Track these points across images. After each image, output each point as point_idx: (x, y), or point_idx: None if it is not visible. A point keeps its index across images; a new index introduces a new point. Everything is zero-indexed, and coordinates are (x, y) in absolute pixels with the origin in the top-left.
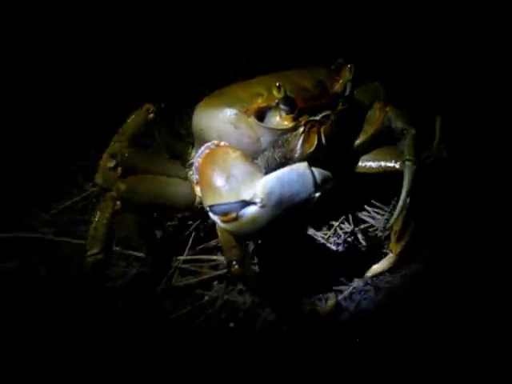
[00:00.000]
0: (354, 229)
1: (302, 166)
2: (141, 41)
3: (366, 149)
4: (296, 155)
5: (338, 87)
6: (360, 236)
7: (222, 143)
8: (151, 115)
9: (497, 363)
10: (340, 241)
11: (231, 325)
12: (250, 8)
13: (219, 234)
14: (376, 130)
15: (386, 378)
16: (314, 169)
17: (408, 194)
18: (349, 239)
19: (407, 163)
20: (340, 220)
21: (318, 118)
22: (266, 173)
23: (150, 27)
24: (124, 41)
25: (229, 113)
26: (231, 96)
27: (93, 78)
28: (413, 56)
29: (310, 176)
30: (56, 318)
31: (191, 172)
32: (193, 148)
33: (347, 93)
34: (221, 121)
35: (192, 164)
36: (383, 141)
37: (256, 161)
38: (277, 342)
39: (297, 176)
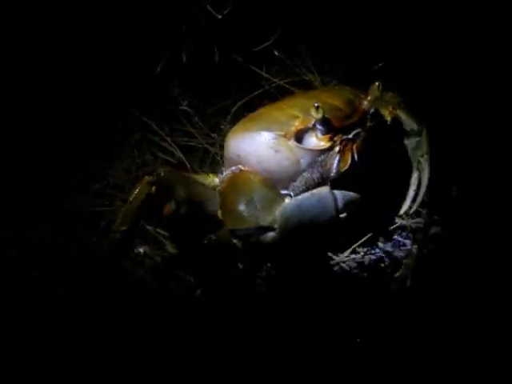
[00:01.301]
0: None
1: (324, 190)
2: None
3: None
4: (332, 174)
5: (366, 105)
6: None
7: (247, 167)
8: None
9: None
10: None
11: None
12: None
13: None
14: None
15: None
16: (336, 192)
17: (427, 186)
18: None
19: (425, 157)
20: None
21: (350, 136)
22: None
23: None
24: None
25: (268, 137)
26: (267, 120)
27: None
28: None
29: (331, 199)
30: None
31: None
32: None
33: (374, 110)
34: (260, 145)
35: None
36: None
37: (294, 183)
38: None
39: (317, 200)
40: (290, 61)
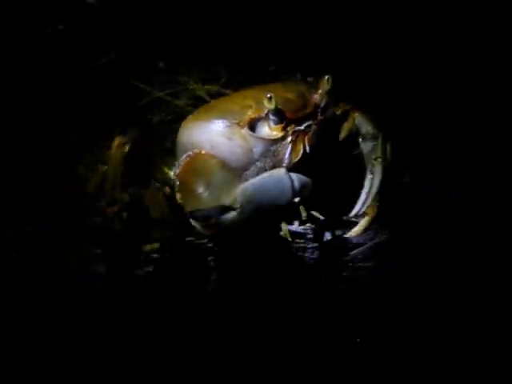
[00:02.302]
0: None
1: (281, 172)
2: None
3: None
4: (284, 164)
5: (317, 98)
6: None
7: (203, 151)
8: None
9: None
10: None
11: None
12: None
13: None
14: (346, 135)
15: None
16: (292, 174)
17: (379, 187)
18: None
19: (379, 160)
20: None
21: (302, 127)
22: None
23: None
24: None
25: (222, 125)
26: (221, 109)
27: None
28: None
29: (288, 182)
30: None
31: None
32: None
33: (325, 103)
34: (214, 133)
35: None
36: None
37: (247, 172)
38: None
39: (275, 182)
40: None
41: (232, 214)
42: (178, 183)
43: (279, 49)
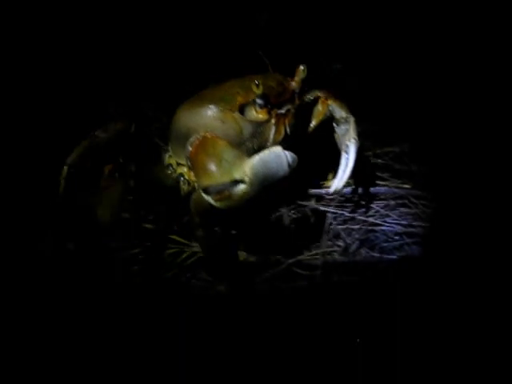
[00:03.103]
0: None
1: (278, 149)
2: None
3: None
4: (269, 144)
5: (294, 85)
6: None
7: (208, 134)
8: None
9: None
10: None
11: None
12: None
13: (194, 203)
14: (321, 119)
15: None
16: (285, 151)
17: (353, 165)
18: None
19: (352, 141)
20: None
21: (283, 111)
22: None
23: None
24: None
25: (216, 110)
26: (213, 97)
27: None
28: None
29: (284, 157)
30: None
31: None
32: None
33: (300, 89)
34: (209, 118)
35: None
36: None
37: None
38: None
39: (275, 157)
40: None
41: (242, 187)
42: (189, 163)
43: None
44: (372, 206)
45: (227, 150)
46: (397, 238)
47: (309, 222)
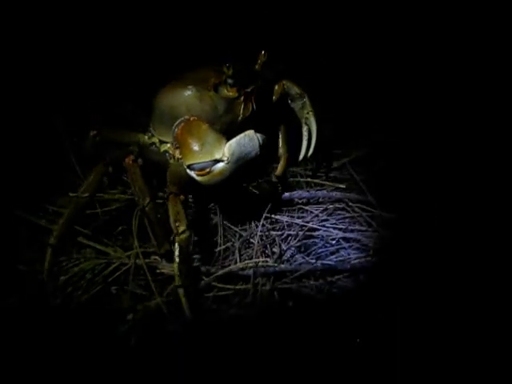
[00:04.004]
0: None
1: (251, 132)
2: None
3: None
4: (239, 119)
5: (257, 67)
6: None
7: (192, 118)
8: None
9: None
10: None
11: None
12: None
13: (169, 173)
14: (279, 95)
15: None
16: (257, 134)
17: (316, 134)
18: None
19: (311, 113)
20: None
21: (249, 90)
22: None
23: None
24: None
25: (195, 90)
26: (192, 79)
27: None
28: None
29: (256, 139)
30: None
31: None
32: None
33: (262, 71)
34: (189, 97)
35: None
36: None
37: (215, 125)
38: None
39: (248, 140)
40: None
41: (221, 165)
42: (175, 143)
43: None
44: (311, 210)
45: (209, 132)
46: (334, 242)
47: (243, 228)
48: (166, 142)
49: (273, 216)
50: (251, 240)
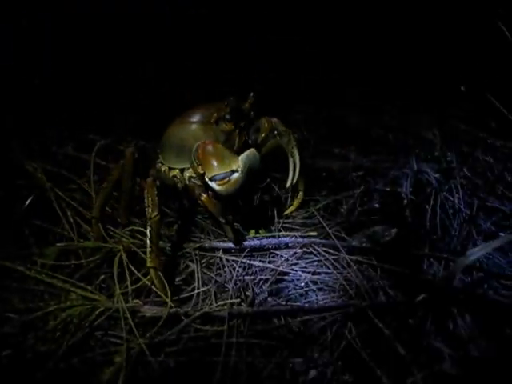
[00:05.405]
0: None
1: (254, 150)
2: None
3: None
4: (235, 147)
5: (247, 107)
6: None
7: (208, 141)
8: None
9: None
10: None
11: None
12: None
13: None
14: (268, 131)
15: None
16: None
17: (300, 165)
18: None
19: (295, 148)
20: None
21: (242, 125)
22: None
23: None
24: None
25: (200, 124)
26: (198, 115)
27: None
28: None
29: (258, 155)
30: None
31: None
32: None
33: (251, 110)
34: (196, 130)
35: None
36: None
37: None
38: None
39: (253, 155)
40: None
41: (236, 175)
42: (197, 161)
43: None
44: (281, 254)
45: (224, 150)
46: (302, 285)
47: (218, 273)
48: (174, 169)
49: (246, 261)
50: (226, 285)
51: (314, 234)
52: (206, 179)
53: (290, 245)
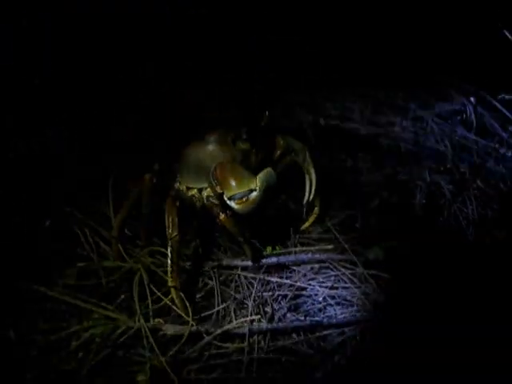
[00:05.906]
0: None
1: (270, 169)
2: None
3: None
4: (252, 165)
5: (263, 126)
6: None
7: (226, 161)
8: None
9: None
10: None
11: None
12: None
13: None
14: (283, 149)
15: None
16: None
17: (316, 182)
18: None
19: (310, 165)
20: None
21: (258, 143)
22: None
23: None
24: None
25: (217, 145)
26: (213, 135)
27: None
28: None
29: (274, 174)
30: None
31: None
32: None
33: (268, 129)
34: (213, 150)
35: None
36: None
37: None
38: None
39: (270, 174)
40: None
41: (255, 194)
42: (215, 181)
43: None
44: (298, 270)
45: (242, 170)
46: (320, 299)
47: (237, 290)
48: (192, 188)
49: (264, 277)
50: (245, 301)
51: (330, 247)
52: (225, 198)
53: (306, 261)
